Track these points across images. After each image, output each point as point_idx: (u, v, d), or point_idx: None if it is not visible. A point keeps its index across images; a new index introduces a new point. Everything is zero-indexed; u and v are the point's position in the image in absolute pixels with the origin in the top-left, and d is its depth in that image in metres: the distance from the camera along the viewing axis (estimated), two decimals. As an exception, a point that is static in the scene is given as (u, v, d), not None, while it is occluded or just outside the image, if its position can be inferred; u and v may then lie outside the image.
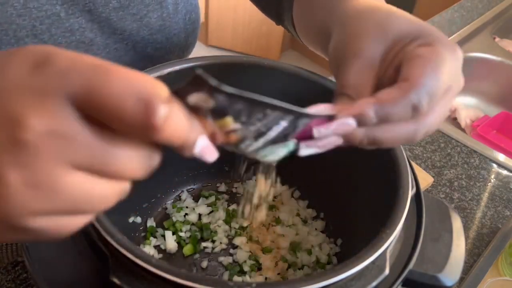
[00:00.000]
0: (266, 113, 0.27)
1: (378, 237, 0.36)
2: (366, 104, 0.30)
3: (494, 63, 1.10)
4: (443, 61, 0.32)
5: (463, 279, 0.62)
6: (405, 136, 0.32)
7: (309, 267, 0.55)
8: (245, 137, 0.28)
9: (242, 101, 0.25)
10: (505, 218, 0.71)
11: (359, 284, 0.35)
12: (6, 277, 0.53)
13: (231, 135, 0.27)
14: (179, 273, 0.31)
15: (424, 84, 0.31)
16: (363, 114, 0.30)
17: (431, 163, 0.79)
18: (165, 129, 0.22)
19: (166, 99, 0.22)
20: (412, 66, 0.32)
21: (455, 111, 1.10)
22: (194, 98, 0.24)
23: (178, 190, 0.62)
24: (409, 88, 0.31)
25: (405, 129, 0.32)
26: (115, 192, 0.24)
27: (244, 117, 0.27)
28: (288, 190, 0.62)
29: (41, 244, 0.37)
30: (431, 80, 0.31)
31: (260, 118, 0.27)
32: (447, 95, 0.33)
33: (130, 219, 0.56)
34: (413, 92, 0.30)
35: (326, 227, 0.59)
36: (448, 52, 0.33)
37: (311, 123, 0.30)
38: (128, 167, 0.23)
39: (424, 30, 0.35)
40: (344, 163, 0.54)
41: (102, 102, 0.21)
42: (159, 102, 0.21)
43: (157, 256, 0.55)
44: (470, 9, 1.26)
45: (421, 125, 0.32)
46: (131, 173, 0.23)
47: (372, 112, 0.30)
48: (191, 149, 0.25)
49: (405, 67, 0.32)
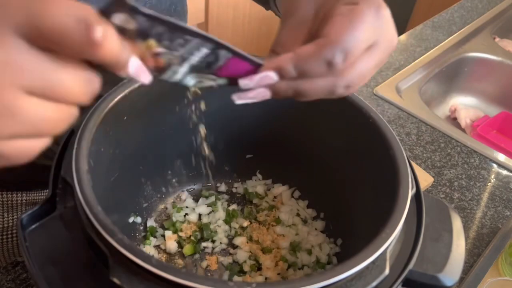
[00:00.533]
0: (187, 39, 0.30)
1: (378, 237, 0.36)
2: (285, 59, 0.33)
3: (494, 63, 1.10)
4: (363, 18, 0.33)
5: (463, 279, 0.62)
6: (325, 89, 0.34)
7: (309, 267, 0.55)
8: (171, 62, 0.31)
9: (161, 23, 0.28)
10: (505, 218, 0.71)
11: (359, 284, 0.35)
12: (6, 277, 0.53)
13: (158, 59, 0.30)
14: (179, 273, 0.31)
15: (339, 41, 0.32)
16: (282, 67, 0.33)
17: (431, 163, 0.79)
18: (103, 45, 0.24)
19: (100, 20, 0.25)
20: (331, 24, 0.33)
21: (455, 111, 1.10)
22: (117, 19, 0.27)
23: (178, 190, 0.62)
24: (323, 44, 0.32)
25: (324, 82, 0.34)
26: (65, 115, 0.27)
27: (167, 41, 0.29)
28: (288, 190, 0.62)
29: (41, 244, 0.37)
30: (347, 37, 0.32)
31: (182, 43, 0.30)
32: (371, 52, 0.34)
33: (130, 219, 0.56)
34: (327, 49, 0.32)
35: (326, 227, 0.59)
36: (370, 10, 0.34)
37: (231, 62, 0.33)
38: (73, 90, 0.26)
39: None
40: (344, 163, 0.54)
41: (46, 28, 0.23)
42: (96, 22, 0.24)
43: (157, 256, 0.55)
44: (470, 9, 1.26)
45: (339, 80, 0.34)
46: (76, 95, 0.26)
47: (290, 66, 0.33)
48: (126, 67, 0.27)
49: (326, 25, 0.34)
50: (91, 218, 0.34)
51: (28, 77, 0.24)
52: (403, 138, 0.84)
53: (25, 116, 0.25)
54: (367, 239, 0.37)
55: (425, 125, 0.88)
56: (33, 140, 0.26)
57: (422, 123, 0.88)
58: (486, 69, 1.11)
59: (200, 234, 0.57)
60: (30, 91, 0.24)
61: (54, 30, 0.23)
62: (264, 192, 0.62)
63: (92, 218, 0.34)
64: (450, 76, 1.11)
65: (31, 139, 0.26)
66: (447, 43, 1.11)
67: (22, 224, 0.38)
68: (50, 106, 0.26)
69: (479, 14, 1.24)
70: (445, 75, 1.08)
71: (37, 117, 0.25)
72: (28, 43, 0.24)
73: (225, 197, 0.62)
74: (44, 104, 0.25)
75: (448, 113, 1.12)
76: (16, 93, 0.24)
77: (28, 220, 0.38)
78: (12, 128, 0.25)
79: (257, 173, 0.64)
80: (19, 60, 0.24)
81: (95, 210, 0.35)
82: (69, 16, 0.23)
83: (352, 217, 0.54)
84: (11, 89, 0.24)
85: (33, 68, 0.24)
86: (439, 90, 1.10)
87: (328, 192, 0.58)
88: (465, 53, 1.10)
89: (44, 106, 0.25)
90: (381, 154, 0.45)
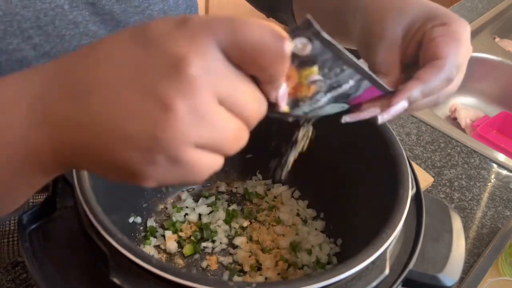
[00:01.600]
0: (343, 69, 0.30)
1: (378, 237, 0.36)
2: (414, 87, 0.37)
3: (494, 63, 1.10)
4: (461, 37, 0.39)
5: (463, 279, 0.62)
6: (434, 101, 0.40)
7: (309, 267, 0.55)
8: (319, 91, 0.31)
9: (332, 51, 0.28)
10: (505, 218, 0.71)
11: (359, 284, 0.35)
12: (6, 277, 0.53)
13: (311, 87, 0.31)
14: (179, 273, 0.31)
15: (452, 59, 0.38)
16: (412, 96, 0.37)
17: (431, 163, 0.79)
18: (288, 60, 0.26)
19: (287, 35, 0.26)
20: (438, 45, 0.38)
21: (455, 111, 1.10)
22: (299, 43, 0.27)
23: (178, 190, 0.62)
24: (442, 65, 0.37)
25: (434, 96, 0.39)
26: (241, 132, 0.27)
27: (327, 69, 0.30)
28: (288, 190, 0.62)
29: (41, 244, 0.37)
30: (456, 55, 0.38)
31: (338, 73, 0.30)
32: None
33: (130, 219, 0.56)
34: (446, 67, 0.37)
35: (326, 227, 0.59)
36: (462, 28, 0.40)
37: (367, 91, 0.35)
38: (251, 106, 0.27)
39: (438, 11, 0.41)
40: (344, 163, 0.54)
41: (244, 40, 0.25)
42: (285, 34, 0.25)
43: (157, 256, 0.55)
44: (470, 9, 1.26)
45: (447, 90, 0.39)
46: (252, 112, 0.27)
47: (419, 92, 0.37)
48: (278, 89, 0.28)
49: (431, 46, 0.38)
50: (91, 218, 0.34)
51: (222, 83, 0.25)
52: (403, 138, 0.84)
53: (215, 123, 0.25)
54: (367, 239, 0.37)
55: (425, 125, 0.88)
56: (215, 156, 0.26)
57: (422, 123, 0.88)
58: (486, 69, 1.11)
59: (200, 234, 0.57)
60: (221, 98, 0.25)
61: (255, 42, 0.25)
62: (264, 192, 0.62)
63: (92, 218, 0.34)
64: (450, 76, 1.11)
65: (213, 154, 0.26)
66: (447, 43, 1.11)
67: (22, 224, 0.38)
68: (232, 118, 0.26)
69: (479, 14, 1.24)
70: (445, 75, 1.08)
71: (223, 127, 0.25)
72: (224, 56, 0.25)
73: (225, 197, 0.62)
74: (229, 115, 0.26)
75: (448, 113, 1.12)
76: (214, 99, 0.25)
77: (28, 220, 0.38)
78: (207, 134, 0.25)
79: (257, 173, 0.64)
80: (218, 68, 0.25)
81: (95, 210, 0.35)
82: (266, 28, 0.25)
83: (352, 217, 0.54)
84: (209, 95, 0.24)
85: (227, 76, 0.25)
86: (439, 90, 1.10)
87: (328, 192, 0.58)
88: (465, 53, 1.10)
89: (228, 117, 0.26)
90: (381, 154, 0.45)
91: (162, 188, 0.60)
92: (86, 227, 0.35)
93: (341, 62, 0.30)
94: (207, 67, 0.24)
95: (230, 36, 0.25)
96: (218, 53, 0.25)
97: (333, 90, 0.32)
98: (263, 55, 0.25)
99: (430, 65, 0.38)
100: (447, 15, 0.40)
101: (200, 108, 0.24)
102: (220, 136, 0.26)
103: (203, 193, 0.61)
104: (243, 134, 0.27)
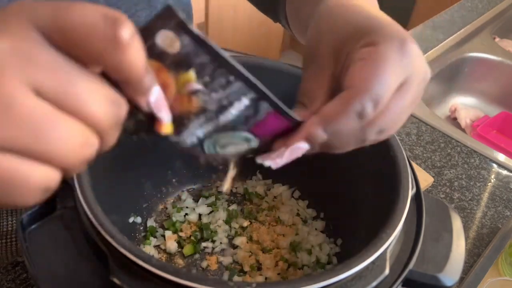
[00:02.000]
0: (230, 80, 0.26)
1: (378, 237, 0.36)
2: (313, 125, 0.31)
3: (494, 63, 1.10)
4: (386, 60, 0.30)
5: (463, 279, 0.62)
6: (357, 139, 0.32)
7: (309, 267, 0.55)
8: (206, 106, 0.26)
9: (208, 52, 0.24)
10: (505, 218, 0.71)
11: (359, 284, 0.35)
12: (6, 277, 0.53)
13: (193, 99, 0.26)
14: (179, 273, 0.31)
15: (365, 90, 0.30)
16: (312, 135, 0.31)
17: (431, 163, 0.79)
18: (128, 49, 0.21)
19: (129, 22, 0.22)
20: (353, 71, 0.31)
21: (455, 111, 1.10)
22: (162, 36, 0.23)
23: (178, 190, 0.62)
24: (349, 97, 0.30)
25: (354, 133, 0.31)
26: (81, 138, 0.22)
27: (207, 77, 0.25)
28: (288, 190, 0.62)
29: (41, 244, 0.37)
30: (373, 85, 0.29)
31: (223, 85, 0.26)
32: (403, 91, 0.31)
33: (130, 219, 0.56)
34: (355, 101, 0.30)
35: (326, 227, 0.59)
36: (393, 49, 0.31)
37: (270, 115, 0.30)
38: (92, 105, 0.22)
39: (373, 26, 0.33)
40: (344, 163, 0.54)
41: (70, 22, 0.21)
42: (125, 21, 0.21)
43: (157, 256, 0.55)
44: (470, 9, 1.26)
45: (372, 127, 0.31)
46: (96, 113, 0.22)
47: (319, 131, 0.31)
48: (147, 92, 0.24)
49: (348, 73, 0.31)
50: (91, 218, 0.34)
51: (39, 72, 0.21)
52: (403, 138, 0.84)
53: (25, 117, 0.20)
54: (367, 239, 0.37)
55: (425, 125, 0.88)
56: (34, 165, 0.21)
57: (422, 123, 0.88)
58: (486, 69, 1.11)
59: (200, 234, 0.57)
60: (39, 90, 0.21)
61: (78, 24, 0.21)
62: (264, 192, 0.62)
63: (92, 218, 0.34)
64: (450, 76, 1.11)
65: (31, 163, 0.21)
66: (447, 43, 1.11)
67: (22, 224, 0.38)
68: (64, 119, 0.21)
69: (479, 14, 1.24)
70: (445, 75, 1.08)
71: (40, 124, 0.20)
72: (47, 40, 0.21)
73: (225, 197, 0.62)
74: (56, 114, 0.21)
75: (448, 113, 1.12)
76: (22, 87, 0.20)
77: (28, 220, 0.38)
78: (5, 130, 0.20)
79: (257, 173, 0.64)
80: (33, 52, 0.21)
81: (95, 210, 0.35)
82: (96, 11, 0.21)
83: (352, 217, 0.53)
84: (13, 78, 0.20)
85: (47, 64, 0.21)
86: (439, 90, 1.10)
87: (328, 192, 0.58)
88: (465, 53, 1.10)
89: (55, 115, 0.21)
90: (381, 154, 0.45)
91: (162, 188, 0.60)
92: (86, 227, 0.35)
93: (225, 70, 0.25)
94: (17, 48, 0.20)
95: (50, 17, 0.21)
96: (35, 35, 0.21)
97: (224, 111, 0.27)
98: (87, 39, 0.21)
99: (338, 96, 0.31)
100: (381, 30, 0.32)
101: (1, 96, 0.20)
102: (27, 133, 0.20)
103: (203, 193, 0.61)
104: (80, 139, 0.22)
